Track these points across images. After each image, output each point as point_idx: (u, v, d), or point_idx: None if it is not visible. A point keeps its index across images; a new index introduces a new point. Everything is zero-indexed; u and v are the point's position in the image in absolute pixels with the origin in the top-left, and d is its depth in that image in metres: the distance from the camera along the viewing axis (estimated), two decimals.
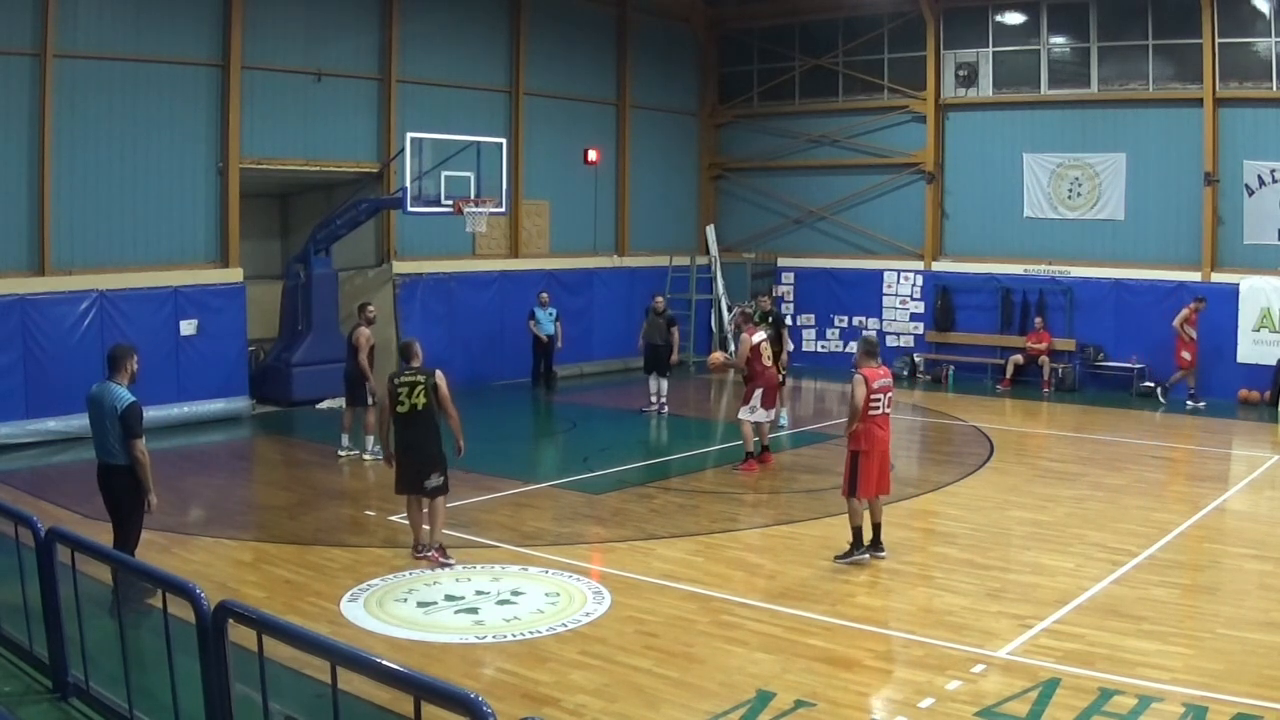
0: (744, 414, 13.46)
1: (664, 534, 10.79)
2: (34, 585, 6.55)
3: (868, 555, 9.68)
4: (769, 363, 13.55)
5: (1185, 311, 18.52)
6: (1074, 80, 20.94)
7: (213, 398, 16.75)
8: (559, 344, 20.33)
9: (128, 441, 8.20)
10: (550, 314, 20.23)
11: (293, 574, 9.45)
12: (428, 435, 9.65)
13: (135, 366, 8.47)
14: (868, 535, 9.75)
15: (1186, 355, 18.50)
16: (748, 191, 25.20)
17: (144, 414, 8.39)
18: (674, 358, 17.78)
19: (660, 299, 18.53)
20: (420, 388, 9.62)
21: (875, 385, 9.57)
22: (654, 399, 17.68)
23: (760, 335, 13.64)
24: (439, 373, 9.74)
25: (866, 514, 9.70)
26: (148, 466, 8.21)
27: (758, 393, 13.31)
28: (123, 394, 8.28)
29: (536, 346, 20.28)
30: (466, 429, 10.12)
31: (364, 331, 13.96)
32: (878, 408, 9.58)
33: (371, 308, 14.55)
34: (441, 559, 9.55)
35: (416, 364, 9.83)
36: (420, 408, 9.60)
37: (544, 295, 20.34)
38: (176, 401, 16.27)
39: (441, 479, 9.65)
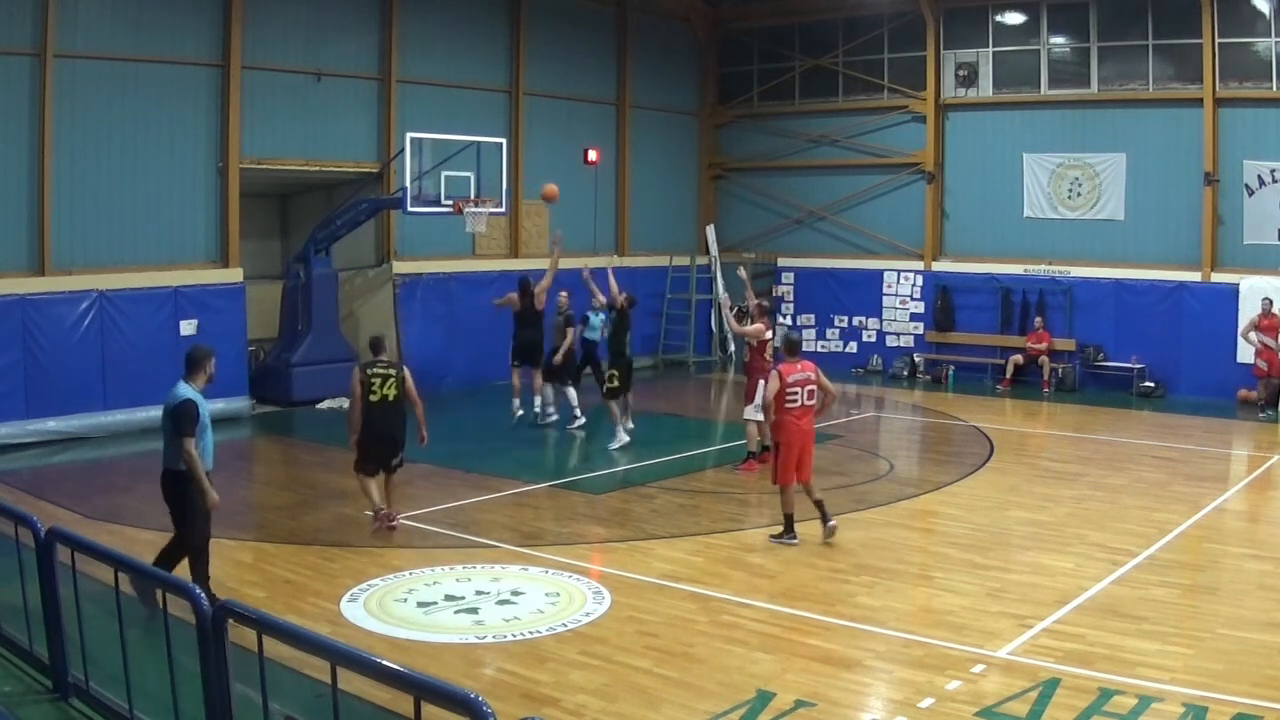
0: (749, 413, 13.46)
1: (664, 534, 10.79)
2: (34, 585, 6.55)
3: (797, 539, 10.23)
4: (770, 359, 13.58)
5: (1255, 318, 18.10)
6: (1074, 80, 20.94)
7: (212, 398, 16.51)
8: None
9: (177, 439, 8.12)
10: (601, 317, 18.76)
11: (292, 574, 9.45)
12: (398, 422, 10.62)
13: (213, 369, 8.74)
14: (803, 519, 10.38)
15: (1263, 364, 18.03)
16: (748, 191, 25.20)
17: (198, 414, 8.33)
18: (556, 358, 16.03)
19: (563, 296, 16.79)
20: (392, 380, 10.51)
21: (789, 380, 10.23)
22: (543, 406, 16.32)
23: (769, 333, 13.72)
24: (407, 369, 10.76)
25: (798, 500, 10.33)
26: (196, 465, 8.15)
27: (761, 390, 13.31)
28: (181, 391, 8.35)
29: (584, 353, 17.71)
30: (467, 428, 10.21)
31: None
32: (795, 401, 10.23)
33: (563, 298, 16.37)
34: (393, 521, 10.66)
35: (386, 357, 10.76)
36: (391, 398, 10.48)
37: (602, 300, 19.63)
38: None
39: (400, 458, 10.85)
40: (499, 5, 21.07)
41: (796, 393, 10.27)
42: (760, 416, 13.34)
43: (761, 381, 13.47)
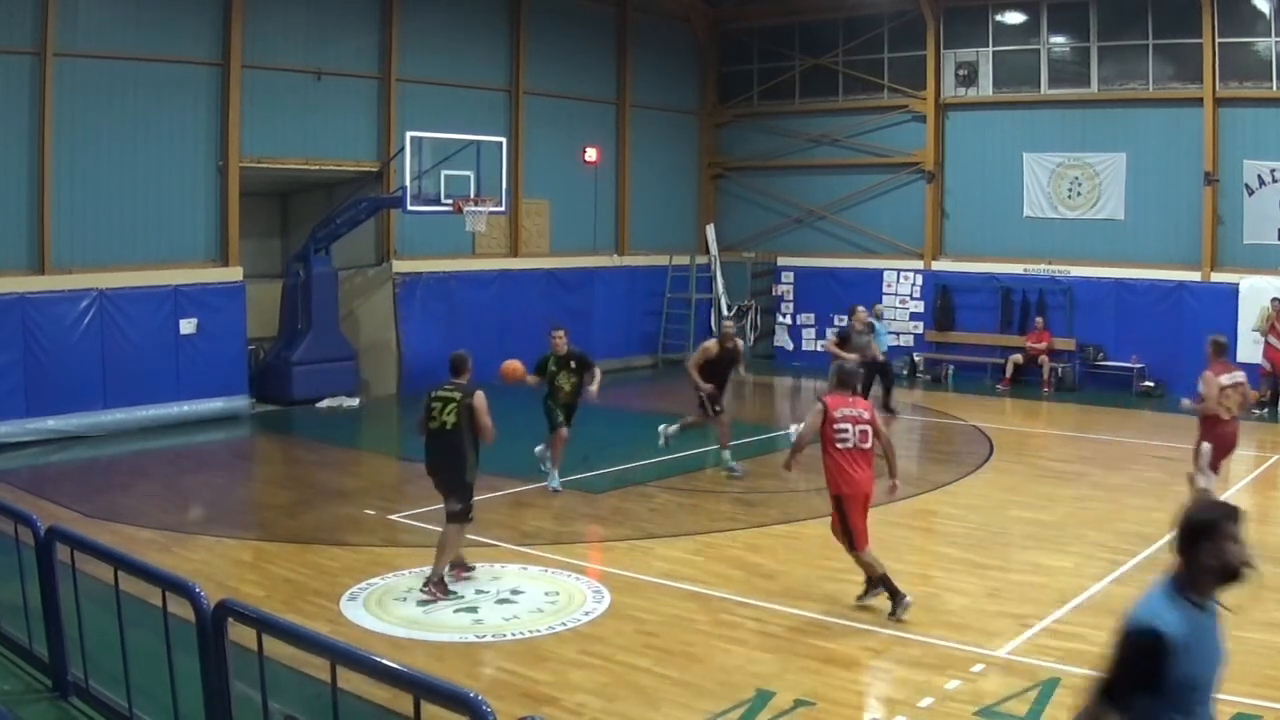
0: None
1: (664, 533, 10.80)
2: (34, 584, 6.55)
3: (908, 598, 8.34)
4: None
5: (1269, 314, 18.08)
6: (1074, 80, 20.94)
7: (212, 396, 16.75)
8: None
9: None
10: (884, 326, 18.01)
11: (292, 573, 9.45)
12: (450, 458, 8.79)
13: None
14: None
15: (1267, 364, 18.05)
16: (747, 191, 25.19)
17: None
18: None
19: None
20: (453, 405, 8.73)
21: (836, 414, 8.47)
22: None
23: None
24: (480, 394, 8.79)
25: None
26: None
27: None
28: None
29: (871, 368, 16.33)
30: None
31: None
32: (846, 441, 8.45)
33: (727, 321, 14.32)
34: (439, 593, 8.67)
35: (460, 380, 8.95)
36: (449, 427, 8.71)
37: (878, 306, 18.92)
38: (176, 400, 16.28)
39: (459, 506, 8.78)
40: (499, 5, 21.06)
41: (846, 430, 8.46)
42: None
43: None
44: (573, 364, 12.44)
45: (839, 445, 8.46)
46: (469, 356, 9.14)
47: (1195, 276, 19.51)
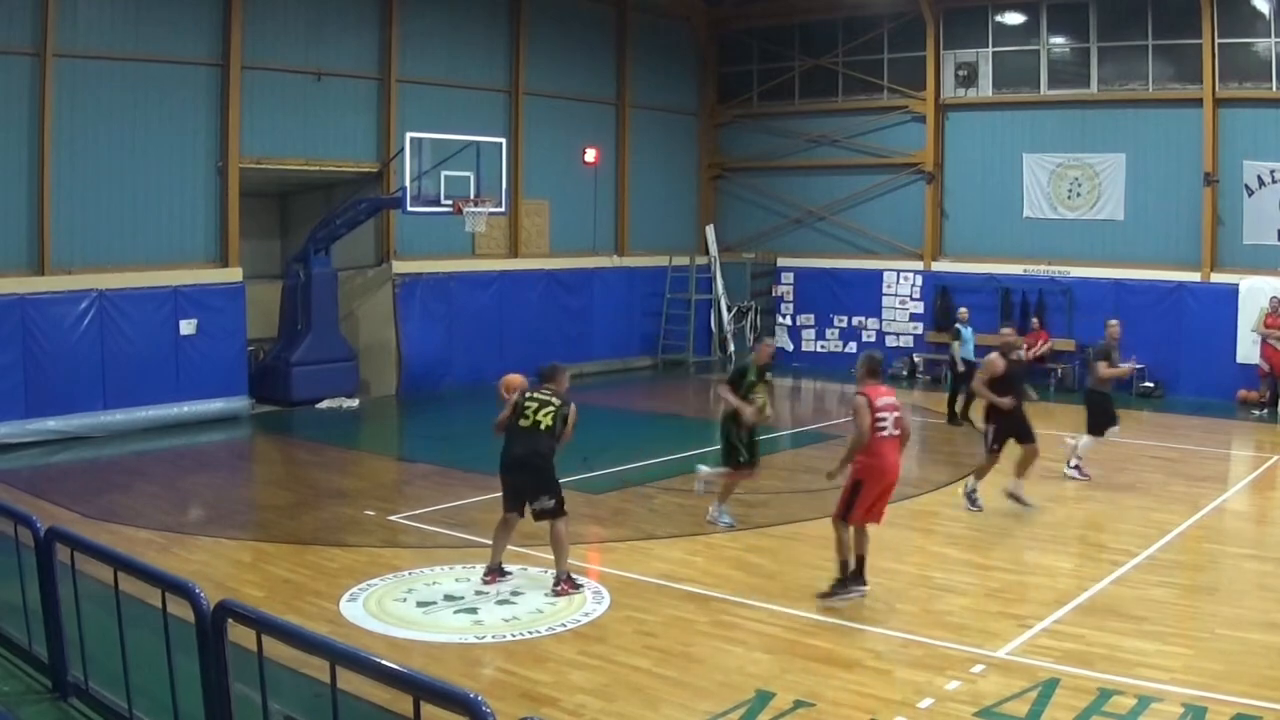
0: None
1: (663, 534, 10.80)
2: (33, 585, 6.54)
3: (862, 589, 8.68)
4: None
5: (1266, 316, 18.10)
6: (1074, 80, 20.94)
7: (212, 397, 16.75)
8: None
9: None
10: (971, 331, 17.09)
11: (292, 574, 9.45)
12: (539, 459, 8.92)
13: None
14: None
15: (1265, 364, 18.09)
16: (747, 191, 25.19)
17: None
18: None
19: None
20: (551, 410, 8.94)
21: (879, 403, 8.60)
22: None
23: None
24: (573, 406, 9.11)
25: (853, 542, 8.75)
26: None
27: None
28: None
29: (959, 375, 16.59)
30: (472, 430, 10.06)
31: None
32: (885, 429, 8.58)
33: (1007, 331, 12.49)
34: (569, 588, 8.91)
35: (554, 386, 9.16)
36: (542, 428, 8.91)
37: (963, 311, 17.99)
38: (176, 401, 16.29)
39: (553, 501, 8.94)
40: (499, 5, 21.06)
41: (886, 418, 8.61)
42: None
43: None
44: (767, 376, 11.38)
45: (880, 433, 8.56)
46: (563, 368, 9.43)
47: (1195, 277, 19.52)
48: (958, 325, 17.10)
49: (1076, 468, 13.10)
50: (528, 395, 9.10)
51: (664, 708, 6.76)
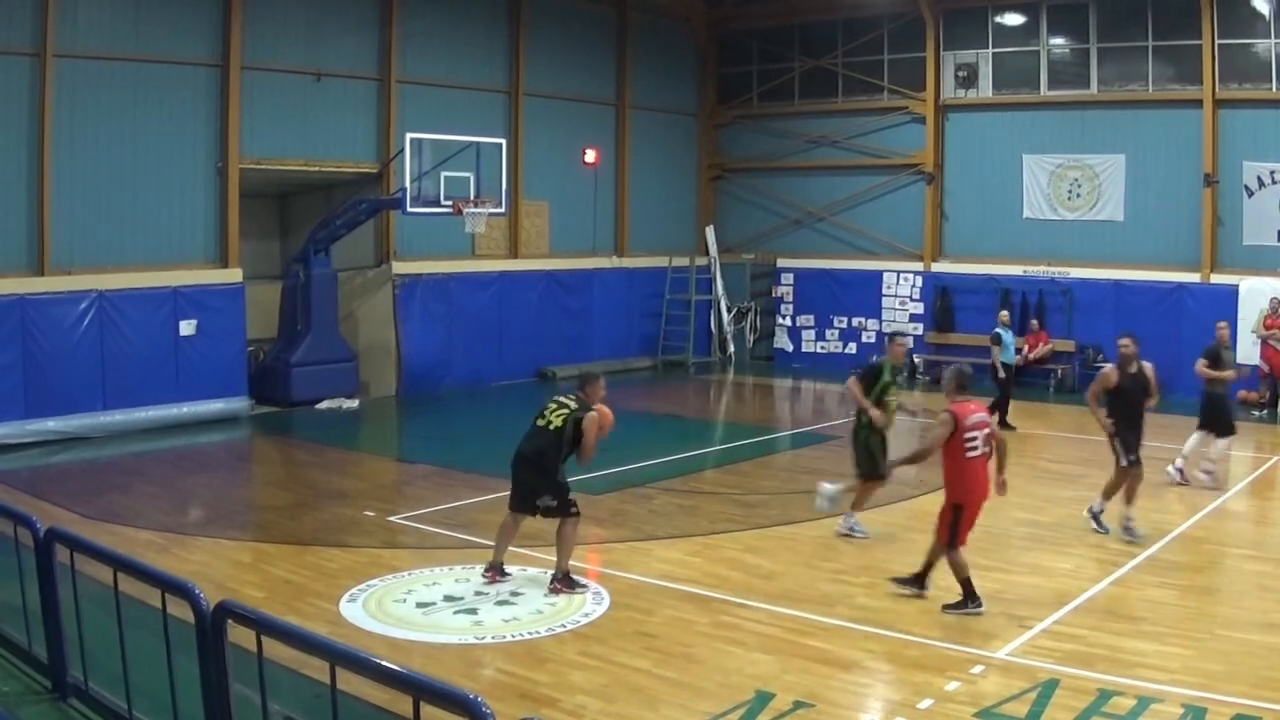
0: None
1: (663, 534, 10.79)
2: (33, 585, 6.54)
3: (982, 607, 8.37)
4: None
5: (1266, 317, 18.09)
6: (1074, 81, 20.95)
7: (212, 398, 16.74)
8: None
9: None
10: (1013, 335, 16.57)
11: (292, 574, 9.45)
12: (538, 456, 8.90)
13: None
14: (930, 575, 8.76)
15: (1265, 365, 18.06)
16: (747, 192, 25.19)
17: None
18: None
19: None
20: (564, 413, 8.91)
21: (968, 422, 8.41)
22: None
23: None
24: (593, 414, 8.94)
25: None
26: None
27: None
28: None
29: (1000, 380, 16.07)
30: (472, 430, 10.03)
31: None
32: (975, 449, 8.43)
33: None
34: (564, 587, 8.87)
35: (583, 395, 9.13)
36: (551, 428, 8.89)
37: (1004, 314, 17.29)
38: (175, 401, 16.28)
39: (554, 502, 8.92)
40: (499, 5, 21.07)
41: (975, 437, 8.43)
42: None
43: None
44: (899, 379, 10.91)
45: (969, 454, 8.43)
46: (596, 377, 9.38)
47: (1195, 278, 19.52)
48: (998, 330, 16.41)
49: (1201, 472, 12.82)
50: (552, 399, 9.21)
51: (664, 708, 6.76)
